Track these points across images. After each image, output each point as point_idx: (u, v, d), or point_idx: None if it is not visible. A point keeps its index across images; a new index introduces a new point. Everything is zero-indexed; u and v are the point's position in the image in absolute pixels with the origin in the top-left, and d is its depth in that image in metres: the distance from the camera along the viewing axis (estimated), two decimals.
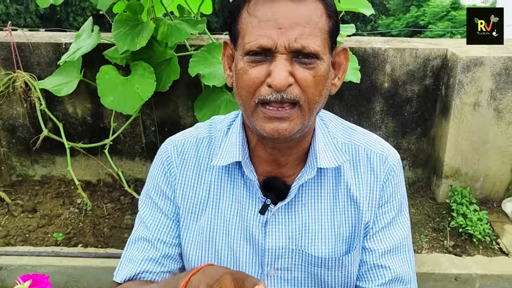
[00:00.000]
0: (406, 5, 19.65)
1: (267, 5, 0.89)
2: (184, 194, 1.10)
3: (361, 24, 18.80)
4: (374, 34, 17.57)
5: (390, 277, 1.08)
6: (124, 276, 1.09)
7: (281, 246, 1.07)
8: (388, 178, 1.09)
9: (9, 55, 2.80)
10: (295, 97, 0.90)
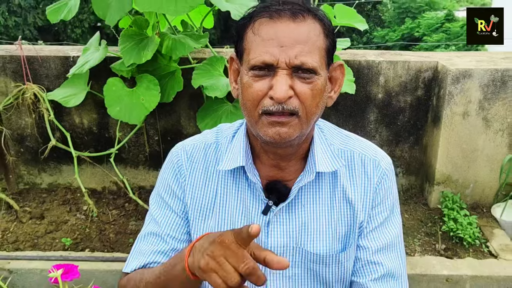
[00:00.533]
0: (401, 17, 19.82)
1: (270, 25, 1.00)
2: (193, 195, 1.19)
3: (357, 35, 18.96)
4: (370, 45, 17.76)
5: (382, 272, 1.17)
6: (133, 267, 1.17)
7: (283, 244, 1.16)
8: (381, 182, 1.19)
9: (18, 68, 2.92)
10: (294, 108, 1.00)
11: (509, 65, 2.74)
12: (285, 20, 1.00)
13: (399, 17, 20.07)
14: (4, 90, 2.98)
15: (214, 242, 0.89)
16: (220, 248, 0.87)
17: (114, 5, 2.41)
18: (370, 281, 1.18)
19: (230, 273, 0.84)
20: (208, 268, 0.87)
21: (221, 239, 0.88)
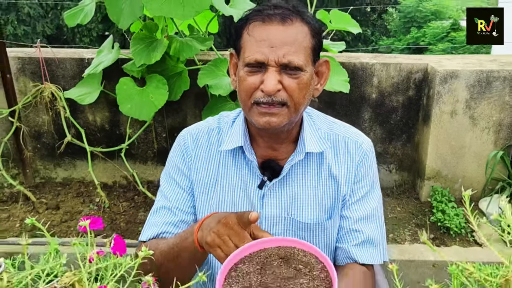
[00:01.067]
0: (406, 26, 19.87)
1: (262, 28, 1.18)
2: (198, 172, 1.37)
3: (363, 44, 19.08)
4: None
5: (362, 239, 1.34)
6: (148, 236, 1.34)
7: (276, 215, 1.33)
8: (362, 161, 1.36)
9: (37, 69, 3.15)
10: (282, 99, 1.17)
11: (494, 67, 2.93)
12: (275, 24, 1.17)
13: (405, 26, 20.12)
14: (23, 89, 3.21)
15: (219, 222, 1.07)
16: (225, 228, 1.05)
17: (127, 10, 2.63)
18: (352, 246, 1.34)
19: (232, 249, 1.02)
20: (214, 243, 1.06)
21: (226, 220, 1.06)
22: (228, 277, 0.99)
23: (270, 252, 1.04)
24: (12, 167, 3.39)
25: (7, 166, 3.31)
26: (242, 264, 1.01)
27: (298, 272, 0.99)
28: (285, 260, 1.02)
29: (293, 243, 1.05)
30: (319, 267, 1.00)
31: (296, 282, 0.96)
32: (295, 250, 1.04)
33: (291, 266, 1.00)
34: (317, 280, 0.97)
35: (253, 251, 1.03)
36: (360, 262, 1.33)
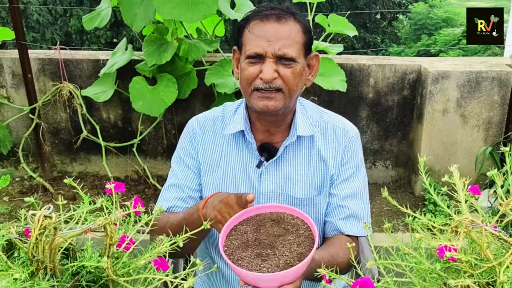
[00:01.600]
0: (417, 33, 19.87)
1: (261, 25, 1.38)
2: (204, 154, 1.57)
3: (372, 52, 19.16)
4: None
5: (348, 213, 1.52)
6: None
7: (271, 190, 1.52)
8: (348, 145, 1.54)
9: (56, 69, 3.39)
10: (278, 86, 1.37)
11: (483, 68, 3.12)
12: (272, 22, 1.38)
13: (415, 33, 20.10)
14: (43, 88, 3.45)
15: (221, 202, 1.27)
16: (225, 206, 1.26)
17: (140, 15, 2.86)
18: (338, 220, 1.52)
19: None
20: (216, 219, 1.26)
21: (227, 200, 1.25)
22: (229, 235, 1.21)
23: (264, 216, 1.25)
24: (32, 161, 3.62)
25: (27, 160, 3.54)
26: (240, 226, 1.24)
27: (286, 231, 1.20)
28: (276, 222, 1.23)
29: (283, 209, 1.27)
30: (304, 227, 1.22)
31: (285, 238, 1.18)
32: (285, 214, 1.26)
33: (281, 226, 1.22)
34: (302, 237, 1.18)
35: (250, 215, 1.25)
36: (346, 233, 1.51)
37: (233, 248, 1.16)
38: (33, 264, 0.96)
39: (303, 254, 1.12)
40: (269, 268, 1.09)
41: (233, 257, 1.13)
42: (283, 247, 1.14)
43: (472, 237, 1.00)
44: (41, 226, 0.96)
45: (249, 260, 1.11)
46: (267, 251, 1.13)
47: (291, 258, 1.11)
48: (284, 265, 1.09)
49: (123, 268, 1.08)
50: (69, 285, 1.04)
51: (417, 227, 1.18)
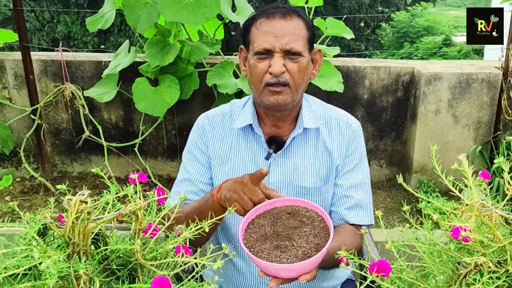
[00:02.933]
0: (399, 41, 20.20)
1: (267, 23, 1.47)
2: (214, 148, 1.64)
3: None
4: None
5: (352, 203, 1.60)
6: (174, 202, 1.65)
7: (280, 181, 1.59)
8: (351, 138, 1.63)
9: (58, 70, 3.44)
10: (286, 80, 1.45)
11: (473, 70, 3.25)
12: (278, 19, 1.46)
13: (398, 41, 20.42)
14: (45, 89, 3.50)
15: (236, 182, 1.33)
16: (240, 185, 1.31)
17: (144, 17, 2.94)
18: (344, 209, 1.60)
19: (247, 202, 1.29)
20: (232, 199, 1.31)
21: (241, 179, 1.30)
22: (247, 229, 1.28)
23: (280, 209, 1.33)
24: (32, 162, 3.66)
25: (28, 160, 3.58)
26: (258, 219, 1.30)
27: (302, 223, 1.28)
28: (292, 215, 1.31)
29: (298, 202, 1.35)
30: (319, 220, 1.29)
31: (301, 230, 1.25)
32: (300, 207, 1.33)
33: (297, 219, 1.29)
34: (317, 229, 1.26)
35: (266, 209, 1.33)
36: (350, 222, 1.59)
37: (252, 241, 1.22)
38: (69, 247, 1.02)
39: (319, 245, 1.18)
40: (288, 259, 1.15)
41: (253, 249, 1.19)
42: (300, 238, 1.21)
43: (483, 219, 1.08)
44: (78, 210, 1.02)
45: (269, 252, 1.17)
46: (285, 242, 1.19)
47: (308, 249, 1.17)
48: (302, 256, 1.15)
49: (150, 252, 1.15)
50: (100, 268, 1.11)
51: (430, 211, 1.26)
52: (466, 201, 1.17)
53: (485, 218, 1.08)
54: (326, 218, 1.27)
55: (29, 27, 15.81)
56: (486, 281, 0.99)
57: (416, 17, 20.45)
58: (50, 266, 0.90)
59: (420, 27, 20.19)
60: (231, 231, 1.63)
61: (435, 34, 20.36)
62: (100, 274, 1.07)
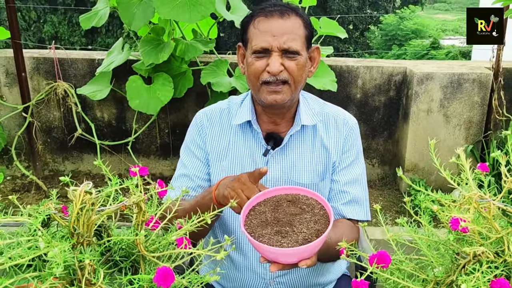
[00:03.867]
0: (388, 44, 20.36)
1: (266, 21, 1.48)
2: (212, 144, 1.64)
3: None
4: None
5: (349, 198, 1.62)
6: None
7: (278, 177, 1.60)
8: (348, 134, 1.65)
9: (50, 68, 3.42)
10: (284, 78, 1.46)
11: (464, 70, 3.30)
12: (276, 18, 1.47)
13: (386, 44, 20.57)
14: (37, 87, 3.48)
15: (234, 180, 1.34)
16: (238, 183, 1.32)
17: (139, 14, 2.94)
18: (341, 204, 1.62)
19: (244, 200, 1.30)
20: (229, 196, 1.31)
21: (239, 177, 1.31)
22: (248, 215, 1.29)
23: (280, 197, 1.34)
24: (23, 160, 3.63)
25: (19, 158, 3.55)
26: (258, 206, 1.32)
27: (302, 210, 1.29)
28: (292, 202, 1.32)
29: (298, 190, 1.36)
30: (319, 207, 1.31)
31: (302, 217, 1.27)
32: (300, 195, 1.35)
33: (297, 206, 1.31)
34: (317, 216, 1.27)
35: (267, 197, 1.34)
36: (347, 217, 1.61)
37: (253, 226, 1.23)
38: (74, 237, 1.02)
39: (320, 231, 1.20)
40: (289, 243, 1.16)
41: (254, 234, 1.20)
42: (300, 224, 1.22)
43: (481, 211, 1.10)
44: (82, 201, 1.03)
45: (270, 237, 1.18)
46: (285, 228, 1.21)
47: (309, 235, 1.18)
48: (303, 241, 1.16)
49: (152, 244, 1.15)
50: (103, 259, 1.11)
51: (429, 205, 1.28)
52: (464, 193, 1.19)
53: (483, 210, 1.10)
54: (326, 205, 1.28)
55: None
56: (485, 270, 1.01)
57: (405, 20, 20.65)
58: (57, 255, 0.90)
59: (408, 30, 20.36)
60: (228, 226, 1.63)
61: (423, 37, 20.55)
62: (103, 265, 1.07)
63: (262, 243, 1.16)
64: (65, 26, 15.82)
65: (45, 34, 15.39)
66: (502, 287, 0.96)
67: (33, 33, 15.76)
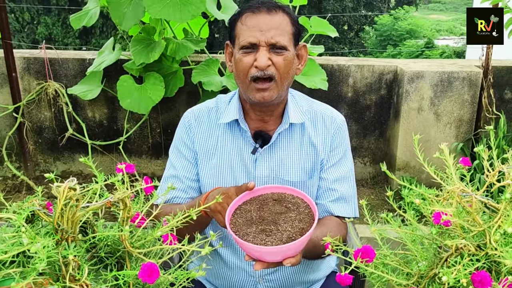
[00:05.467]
0: (382, 44, 20.44)
1: (253, 17, 1.48)
2: (200, 143, 1.64)
3: None
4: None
5: (337, 196, 1.62)
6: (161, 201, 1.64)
7: (266, 175, 1.61)
8: (336, 132, 1.66)
9: (40, 68, 3.41)
10: (272, 73, 1.46)
11: (454, 69, 3.32)
12: (263, 14, 1.48)
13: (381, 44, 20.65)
14: (27, 87, 3.47)
15: (221, 193, 1.34)
16: (225, 198, 1.32)
17: (129, 14, 2.94)
18: (329, 202, 1.63)
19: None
20: (216, 210, 1.34)
21: (226, 192, 1.32)
22: (234, 214, 1.29)
23: (266, 196, 1.35)
24: (14, 161, 3.62)
25: (10, 159, 3.54)
26: (244, 205, 1.33)
27: (288, 209, 1.30)
28: (278, 201, 1.33)
29: (283, 189, 1.37)
30: (304, 206, 1.31)
31: (287, 215, 1.27)
32: (286, 194, 1.35)
33: (283, 205, 1.32)
34: (302, 214, 1.28)
35: (253, 196, 1.34)
36: (335, 214, 1.61)
37: (239, 225, 1.24)
38: (58, 234, 1.02)
39: (304, 229, 1.21)
40: (273, 242, 1.17)
41: (238, 233, 1.21)
42: (285, 223, 1.23)
43: (463, 204, 1.11)
44: (66, 197, 1.02)
45: (254, 235, 1.20)
46: (270, 227, 1.22)
47: (293, 233, 1.19)
48: (287, 239, 1.17)
49: (138, 241, 1.15)
50: (88, 256, 1.11)
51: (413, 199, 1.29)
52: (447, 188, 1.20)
53: (465, 204, 1.11)
54: (311, 204, 1.29)
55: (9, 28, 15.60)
56: (466, 263, 1.01)
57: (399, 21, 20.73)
58: (40, 251, 0.91)
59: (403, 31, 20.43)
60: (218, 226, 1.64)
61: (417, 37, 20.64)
62: (88, 261, 1.07)
63: (247, 242, 1.17)
64: (59, 28, 15.79)
65: (39, 36, 15.36)
66: (483, 280, 0.97)
67: (26, 35, 15.73)
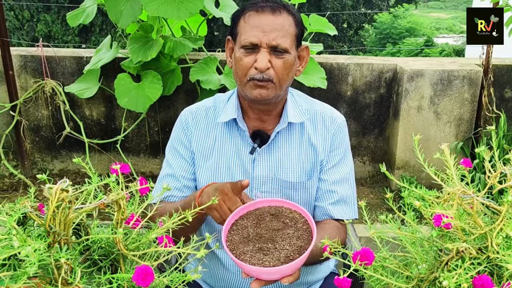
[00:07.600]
0: (382, 42, 20.45)
1: (256, 16, 1.46)
2: (197, 143, 1.62)
3: None
4: None
5: (337, 198, 1.60)
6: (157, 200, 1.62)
7: (264, 175, 1.58)
8: (336, 132, 1.63)
9: (37, 66, 3.39)
10: (270, 77, 1.44)
11: (454, 67, 3.29)
12: (267, 14, 1.45)
13: (380, 42, 20.66)
14: (24, 85, 3.44)
15: (217, 190, 1.32)
16: (220, 194, 1.29)
17: (126, 11, 2.91)
18: (328, 204, 1.60)
19: (225, 210, 1.29)
20: (211, 206, 1.28)
21: (222, 188, 1.29)
22: (231, 230, 1.27)
23: (263, 210, 1.31)
24: (12, 159, 3.60)
25: (7, 157, 3.52)
26: (241, 220, 1.29)
27: (285, 225, 1.27)
28: (275, 216, 1.30)
29: (281, 203, 1.34)
30: (302, 221, 1.29)
31: (284, 232, 1.24)
32: (283, 208, 1.32)
33: (280, 220, 1.28)
34: (300, 231, 1.25)
35: (249, 210, 1.31)
36: (335, 218, 1.59)
37: (235, 242, 1.21)
38: (50, 236, 0.99)
39: (302, 247, 1.18)
40: (270, 262, 1.15)
41: (235, 251, 1.18)
42: (283, 241, 1.20)
43: (464, 206, 1.09)
44: (59, 199, 1.00)
45: (251, 254, 1.17)
46: (268, 245, 1.19)
47: (291, 252, 1.17)
48: (285, 259, 1.15)
49: (133, 243, 1.13)
50: (82, 259, 1.09)
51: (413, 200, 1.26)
52: (448, 189, 1.18)
53: (466, 206, 1.09)
54: (309, 219, 1.26)
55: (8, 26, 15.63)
56: (467, 266, 0.99)
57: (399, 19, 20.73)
58: (30, 254, 0.88)
59: (402, 29, 20.44)
60: (214, 224, 1.61)
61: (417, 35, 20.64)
62: (81, 264, 1.05)
63: (244, 262, 1.15)
64: (59, 25, 15.76)
65: (39, 33, 15.34)
66: (484, 284, 0.95)
67: (26, 32, 15.70)
